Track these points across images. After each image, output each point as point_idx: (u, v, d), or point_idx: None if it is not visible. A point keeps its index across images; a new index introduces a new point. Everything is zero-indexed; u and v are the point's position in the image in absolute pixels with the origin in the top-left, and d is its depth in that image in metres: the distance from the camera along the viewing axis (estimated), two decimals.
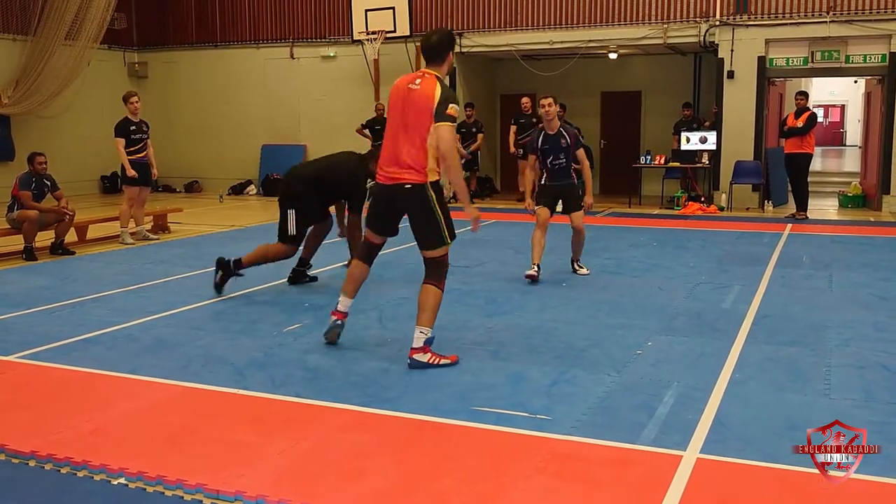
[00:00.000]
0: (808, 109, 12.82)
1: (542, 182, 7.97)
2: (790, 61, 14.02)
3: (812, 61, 13.82)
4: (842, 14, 13.42)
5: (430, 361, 4.98)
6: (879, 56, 13.44)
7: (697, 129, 14.57)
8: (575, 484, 3.39)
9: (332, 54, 17.34)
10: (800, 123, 12.67)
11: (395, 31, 15.95)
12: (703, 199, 14.26)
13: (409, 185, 4.92)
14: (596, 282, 7.74)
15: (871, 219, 12.92)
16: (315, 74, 17.57)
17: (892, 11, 13.19)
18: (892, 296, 6.99)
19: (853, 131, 30.36)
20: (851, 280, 7.70)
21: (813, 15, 13.61)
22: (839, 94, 30.22)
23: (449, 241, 5.04)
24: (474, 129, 15.58)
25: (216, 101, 18.52)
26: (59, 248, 9.59)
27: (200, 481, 3.38)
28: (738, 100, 14.15)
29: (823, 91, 28.47)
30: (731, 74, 14.15)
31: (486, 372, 4.92)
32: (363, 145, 15.64)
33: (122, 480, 3.43)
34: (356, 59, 16.82)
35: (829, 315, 6.29)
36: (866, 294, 7.07)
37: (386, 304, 6.75)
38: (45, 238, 9.70)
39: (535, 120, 14.61)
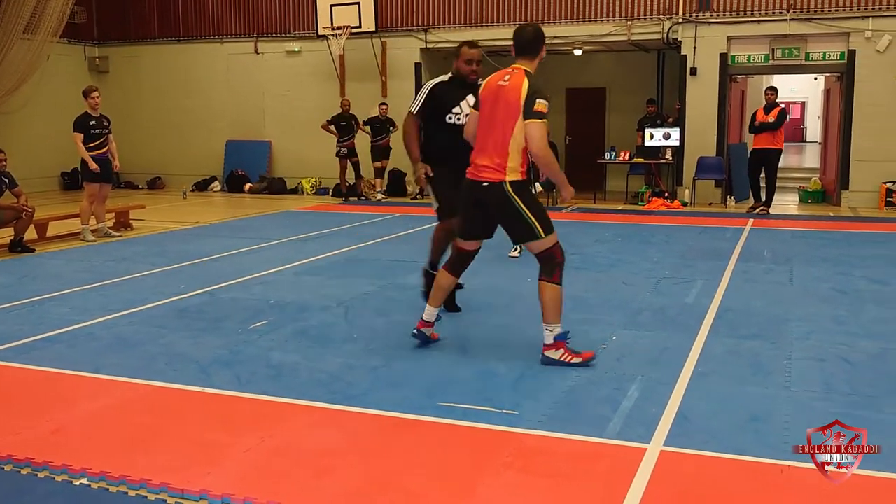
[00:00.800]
0: (777, 105, 12.97)
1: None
2: (752, 58, 14.21)
3: (773, 59, 14.02)
4: (801, 12, 13.63)
5: (562, 358, 4.87)
6: (838, 53, 13.67)
7: (661, 126, 14.71)
8: (542, 478, 3.41)
9: (296, 49, 17.23)
10: (770, 119, 12.81)
11: (360, 27, 15.89)
12: (666, 194, 14.40)
13: (486, 183, 4.84)
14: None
15: (831, 213, 13.14)
16: (280, 70, 17.45)
17: (850, 10, 13.43)
18: (851, 290, 7.12)
19: (813, 128, 30.87)
20: (811, 274, 7.83)
21: (774, 13, 13.80)
22: (799, 91, 30.66)
23: (542, 234, 4.85)
24: None
25: (179, 96, 18.32)
26: (18, 246, 9.42)
27: (165, 481, 3.35)
28: (701, 96, 14.31)
29: (784, 88, 28.68)
30: (693, 71, 14.30)
31: (453, 367, 4.93)
32: (329, 141, 15.62)
33: (84, 481, 3.39)
34: (321, 55, 16.73)
35: (790, 309, 6.39)
36: (826, 288, 7.19)
37: (352, 301, 6.73)
38: (3, 235, 9.54)
39: None
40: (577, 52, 16.13)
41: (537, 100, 4.66)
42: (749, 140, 14.19)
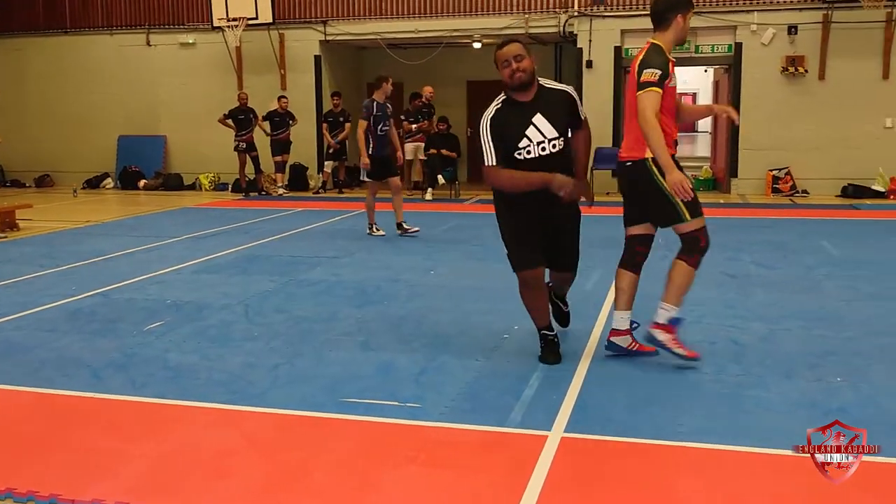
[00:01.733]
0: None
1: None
2: None
3: None
4: None
5: (667, 344, 4.63)
6: (726, 46, 14.19)
7: None
8: (446, 470, 3.43)
9: (191, 41, 16.78)
10: None
11: (257, 18, 15.58)
12: None
13: (629, 163, 4.66)
14: (463, 268, 7.85)
15: (721, 201, 13.65)
16: (174, 62, 16.95)
17: (737, 4, 13.96)
18: (741, 273, 7.41)
19: (706, 117, 31.94)
20: (704, 259, 8.08)
21: None
22: (690, 83, 31.64)
23: (688, 217, 4.58)
24: (342, 119, 15.45)
25: (68, 90, 17.57)
26: None
27: (54, 492, 3.21)
28: (597, 89, 14.62)
29: (676, 79, 29.79)
30: (589, 64, 14.60)
31: (355, 363, 4.90)
32: (227, 136, 15.28)
33: None
34: (217, 47, 16.34)
35: None
36: (717, 273, 7.45)
37: (252, 298, 6.61)
38: None
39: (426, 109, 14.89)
40: (477, 45, 16.24)
41: (644, 70, 4.48)
42: None
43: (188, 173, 16.91)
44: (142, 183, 16.82)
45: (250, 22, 15.59)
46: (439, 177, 14.16)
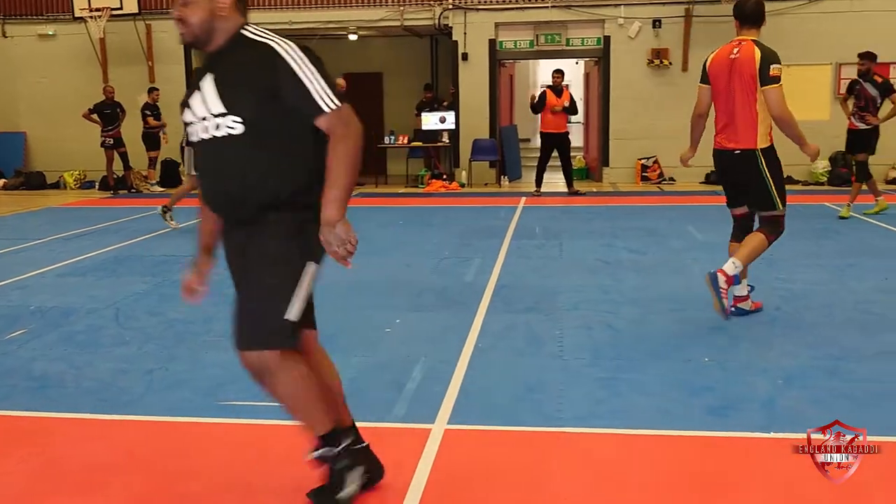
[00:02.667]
0: (565, 87, 13.44)
1: None
2: (518, 44, 14.85)
3: (537, 44, 14.75)
4: (562, 0, 14.41)
5: (721, 287, 5.00)
6: (595, 39, 14.60)
7: (437, 110, 15.06)
8: None
9: (51, 33, 15.92)
10: (566, 102, 12.90)
11: (121, 9, 14.95)
12: (445, 176, 14.78)
13: (738, 152, 5.14)
14: None
15: (594, 189, 14.07)
16: (33, 55, 16.06)
17: None
18: (614, 260, 7.65)
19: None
20: (579, 247, 8.33)
21: (536, 1, 14.48)
22: None
23: (780, 207, 5.18)
24: None
25: None
26: None
27: None
28: (473, 81, 14.78)
29: (548, 72, 30.49)
30: (465, 57, 14.73)
31: (234, 364, 4.70)
32: (93, 132, 14.59)
33: None
34: (79, 39, 15.57)
35: (561, 281, 6.76)
36: (592, 259, 7.68)
37: (123, 301, 6.33)
38: None
39: None
40: (353, 37, 16.12)
41: (772, 66, 5.00)
42: (523, 122, 14.82)
43: (52, 171, 16.06)
44: (1, 182, 15.86)
45: (114, 12, 14.94)
46: None
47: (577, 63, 25.57)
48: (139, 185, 15.04)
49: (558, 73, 13.11)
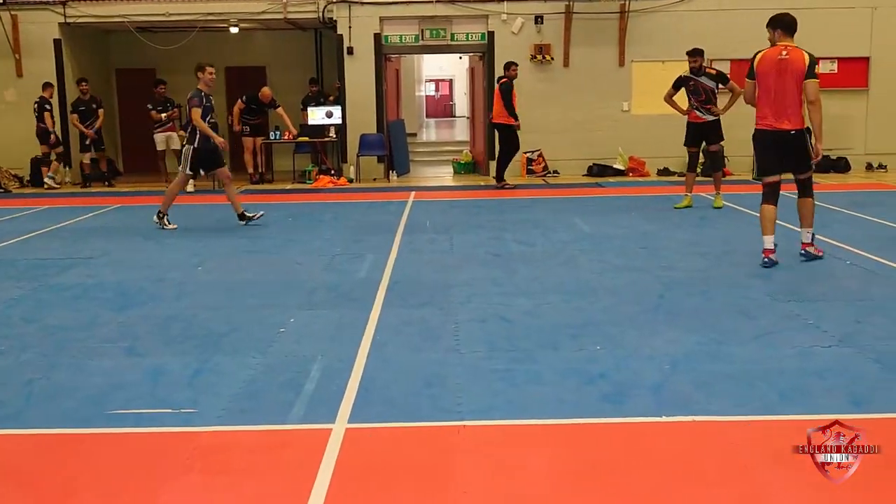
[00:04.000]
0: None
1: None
2: (403, 38, 14.83)
3: (423, 39, 14.76)
4: None
5: (815, 252, 6.94)
6: (479, 34, 14.74)
7: (323, 104, 14.88)
8: (227, 476, 3.30)
9: None
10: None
11: None
12: (333, 171, 14.63)
13: (793, 132, 6.69)
14: (232, 263, 7.60)
15: (482, 183, 14.22)
16: None
17: None
18: (504, 252, 7.76)
19: (461, 103, 33.09)
20: (469, 241, 8.41)
21: None
22: (447, 69, 32.69)
23: (813, 166, 6.86)
24: (94, 105, 14.39)
25: None
26: None
27: None
28: (359, 75, 14.67)
29: (433, 66, 30.65)
30: (350, 51, 14.61)
31: (121, 370, 4.58)
32: None
33: None
34: None
35: (454, 275, 6.81)
36: (482, 252, 7.77)
37: None
38: None
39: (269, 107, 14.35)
40: (234, 30, 15.71)
41: (816, 66, 6.65)
42: (410, 116, 14.77)
43: None
44: None
45: None
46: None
47: (460, 58, 25.88)
48: (7, 185, 14.23)
49: (513, 66, 12.89)
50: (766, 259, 6.73)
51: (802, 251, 6.96)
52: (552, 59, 14.50)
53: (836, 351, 4.68)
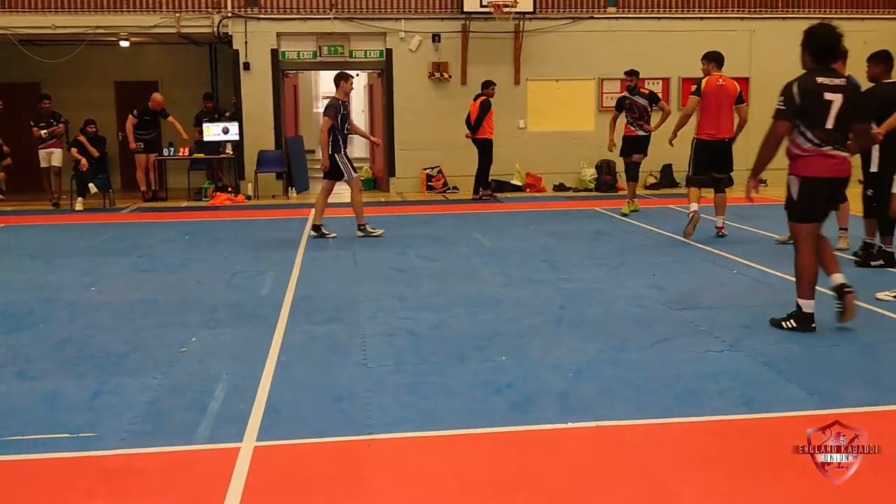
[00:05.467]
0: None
1: None
2: (301, 55, 14.74)
3: (321, 55, 14.72)
4: (344, 12, 14.49)
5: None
6: (377, 52, 14.81)
7: (219, 120, 14.61)
8: (133, 500, 3.20)
9: None
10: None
11: None
12: (230, 189, 14.37)
13: (727, 140, 8.85)
14: (130, 282, 7.37)
15: (382, 199, 14.25)
16: None
17: (386, 11, 14.62)
18: (408, 267, 7.80)
19: (359, 120, 33.01)
20: (372, 256, 8.41)
21: (318, 11, 14.47)
22: None
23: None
24: None
25: None
26: None
27: None
28: (256, 91, 14.49)
29: (331, 83, 30.47)
30: (246, 66, 14.42)
31: (13, 395, 4.38)
32: None
33: None
34: None
35: (359, 290, 6.80)
36: (386, 268, 7.79)
37: None
38: None
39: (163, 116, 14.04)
40: (124, 44, 15.28)
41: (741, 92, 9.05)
42: (309, 133, 14.66)
43: None
44: None
45: None
46: (91, 185, 13.13)
47: (356, 75, 25.88)
48: None
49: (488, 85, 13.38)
50: (690, 215, 8.83)
51: (718, 234, 8.94)
52: (450, 76, 14.69)
53: (728, 355, 4.91)
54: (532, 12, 14.29)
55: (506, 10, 13.91)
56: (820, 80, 5.10)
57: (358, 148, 25.73)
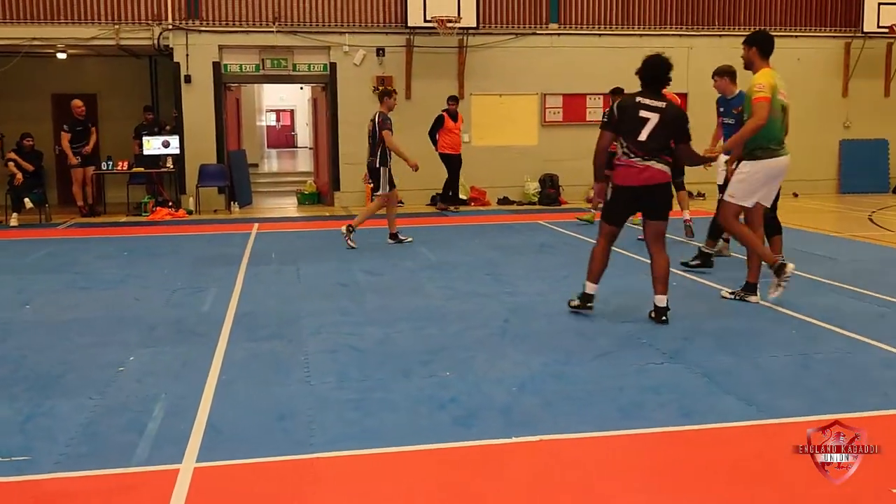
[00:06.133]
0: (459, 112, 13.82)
1: None
2: (243, 67, 14.62)
3: (264, 68, 14.61)
4: (287, 25, 14.42)
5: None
6: (321, 65, 14.75)
7: (159, 134, 14.38)
8: None
9: None
10: (460, 126, 13.87)
11: None
12: (170, 203, 14.14)
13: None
14: (66, 300, 7.18)
15: (327, 213, 14.17)
16: None
17: (329, 25, 14.59)
18: (352, 282, 7.76)
19: (303, 134, 32.86)
20: (316, 271, 8.35)
21: (261, 24, 14.37)
22: (288, 100, 32.39)
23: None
24: None
25: None
26: None
27: None
28: (198, 104, 14.31)
29: (274, 97, 30.31)
30: (188, 79, 14.24)
31: None
32: None
33: None
34: None
35: (301, 306, 6.74)
36: (330, 283, 7.73)
37: None
38: None
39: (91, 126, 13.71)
40: (62, 56, 14.96)
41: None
42: (252, 146, 14.49)
43: None
44: None
45: None
46: (26, 200, 12.80)
47: (301, 88, 25.73)
48: None
49: (453, 101, 13.81)
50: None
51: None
52: (394, 91, 14.69)
53: (668, 367, 4.99)
54: (475, 28, 14.42)
55: (449, 25, 14.01)
56: (640, 99, 5.85)
57: (302, 161, 25.63)
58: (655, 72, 5.85)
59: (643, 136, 5.76)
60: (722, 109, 8.47)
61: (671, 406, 4.33)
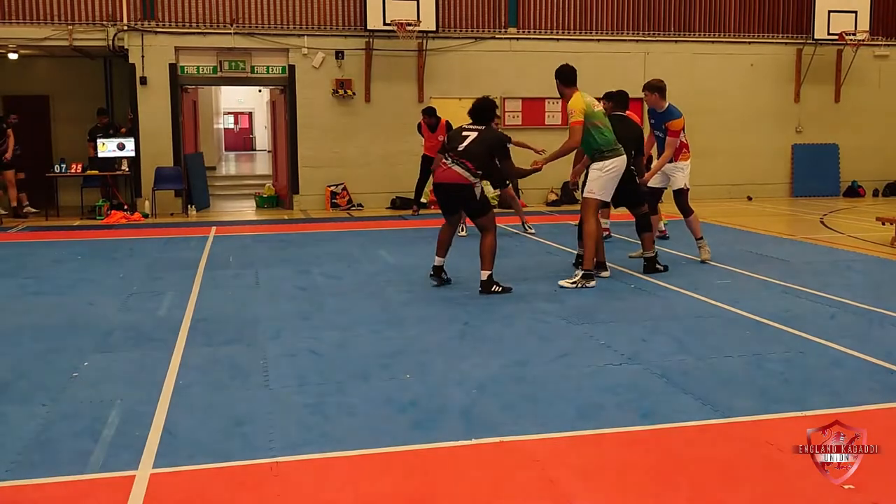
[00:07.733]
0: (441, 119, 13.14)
1: None
2: (201, 69, 14.46)
3: (221, 70, 14.47)
4: (245, 27, 14.30)
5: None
6: (280, 68, 14.66)
7: (114, 136, 14.16)
8: None
9: None
10: (440, 136, 13.22)
11: None
12: (126, 206, 13.93)
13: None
14: (16, 305, 7.04)
15: (286, 217, 14.07)
16: None
17: (290, 27, 14.50)
18: (311, 286, 7.72)
19: (262, 137, 32.65)
20: (275, 275, 8.29)
21: (218, 26, 14.24)
22: (246, 102, 32.17)
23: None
24: None
25: None
26: None
27: None
28: (154, 106, 14.13)
29: (231, 99, 30.06)
30: (143, 81, 14.05)
31: None
32: None
33: None
34: None
35: (260, 310, 6.69)
36: (289, 287, 7.68)
37: None
38: None
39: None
40: (13, 56, 14.67)
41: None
42: (209, 149, 14.34)
43: None
44: None
45: None
46: None
47: (259, 91, 25.55)
48: None
49: (428, 114, 12.82)
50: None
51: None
52: (353, 93, 14.67)
53: (626, 368, 5.04)
54: (435, 31, 14.44)
55: (409, 28, 14.01)
56: (465, 126, 7.33)
57: (260, 164, 25.45)
58: (479, 109, 7.29)
59: (461, 148, 7.07)
60: (653, 121, 8.71)
61: (630, 406, 4.38)
